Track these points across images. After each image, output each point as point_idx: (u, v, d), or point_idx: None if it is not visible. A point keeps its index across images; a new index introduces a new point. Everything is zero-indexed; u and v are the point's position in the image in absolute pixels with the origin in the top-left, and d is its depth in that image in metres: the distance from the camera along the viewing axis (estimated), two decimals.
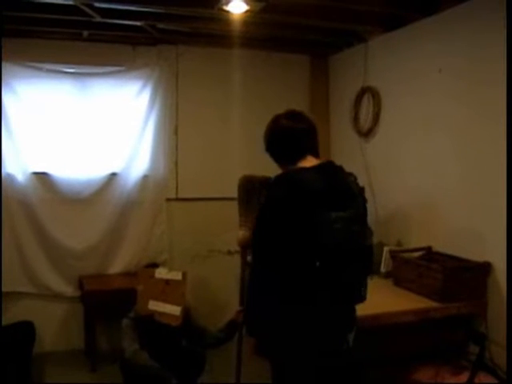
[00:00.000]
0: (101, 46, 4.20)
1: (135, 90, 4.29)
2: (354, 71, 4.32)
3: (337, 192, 2.10)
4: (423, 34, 3.55)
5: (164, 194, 4.46)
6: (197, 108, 4.52)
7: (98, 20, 3.55)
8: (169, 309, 3.05)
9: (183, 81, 4.47)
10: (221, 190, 4.41)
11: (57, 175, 4.18)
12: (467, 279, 3.01)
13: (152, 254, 4.39)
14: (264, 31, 4.03)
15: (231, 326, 3.26)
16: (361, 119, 4.26)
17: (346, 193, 2.15)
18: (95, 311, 4.04)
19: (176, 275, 3.14)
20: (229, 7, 3.24)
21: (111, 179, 4.30)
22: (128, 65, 4.29)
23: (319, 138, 2.34)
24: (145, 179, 4.38)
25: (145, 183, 4.38)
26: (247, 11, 3.31)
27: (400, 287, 3.29)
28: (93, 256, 4.28)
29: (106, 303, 3.97)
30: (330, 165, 2.22)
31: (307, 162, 2.19)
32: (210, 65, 4.52)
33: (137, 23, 3.76)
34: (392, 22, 3.77)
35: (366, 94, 4.18)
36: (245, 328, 2.31)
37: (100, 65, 4.24)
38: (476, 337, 3.00)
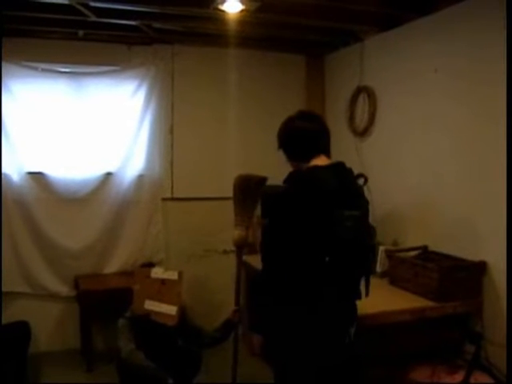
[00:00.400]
0: (96, 46, 4.19)
1: (131, 90, 4.28)
2: (350, 71, 4.33)
3: (349, 191, 2.21)
4: (419, 34, 3.56)
5: (160, 194, 4.45)
6: (192, 107, 4.52)
7: (94, 19, 3.55)
8: (165, 308, 3.05)
9: (179, 80, 4.46)
10: (216, 190, 4.41)
11: (52, 175, 4.17)
12: (463, 278, 3.01)
13: (148, 254, 4.38)
14: (260, 31, 4.03)
15: (227, 326, 3.26)
16: (356, 119, 4.27)
17: (356, 192, 2.28)
18: (91, 311, 4.02)
19: (172, 275, 3.14)
20: (224, 6, 3.24)
21: (107, 179, 4.30)
22: (123, 64, 4.28)
23: None
24: (140, 179, 4.38)
25: (140, 183, 4.38)
26: (243, 11, 3.31)
27: (396, 286, 3.30)
28: (89, 256, 4.27)
29: (102, 303, 3.96)
30: (342, 165, 2.33)
31: (320, 161, 2.29)
32: (206, 64, 4.52)
33: (132, 23, 3.75)
34: (388, 22, 3.78)
35: (362, 94, 4.19)
36: (251, 327, 2.36)
37: (95, 64, 4.23)
38: (472, 336, 3.01)
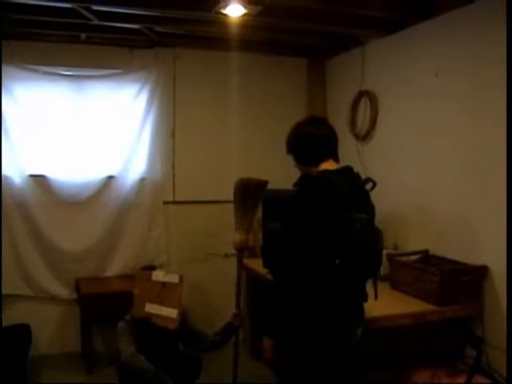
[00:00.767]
0: (98, 49, 4.20)
1: (132, 93, 4.29)
2: (351, 75, 4.33)
3: (357, 195, 2.26)
4: (420, 38, 3.56)
5: (161, 197, 4.46)
6: (194, 111, 4.52)
7: (96, 23, 3.55)
8: (165, 311, 3.04)
9: (180, 84, 4.47)
10: (217, 193, 4.41)
11: (54, 178, 4.17)
12: (464, 282, 3.01)
13: (149, 257, 4.38)
14: (261, 34, 4.04)
15: (228, 330, 3.26)
16: (358, 123, 4.27)
17: (363, 196, 2.33)
18: (92, 314, 4.02)
19: (173, 278, 3.14)
20: (226, 10, 3.25)
21: (108, 182, 4.30)
22: (125, 67, 4.29)
23: None
24: (142, 182, 4.38)
25: (142, 186, 4.38)
26: (245, 14, 3.31)
27: (397, 290, 3.29)
28: (90, 259, 4.27)
29: (103, 306, 3.96)
30: (350, 169, 2.38)
31: (329, 165, 2.34)
32: (208, 68, 4.53)
33: (134, 26, 3.76)
34: (389, 26, 3.78)
35: (363, 98, 4.19)
36: (263, 330, 2.38)
37: (97, 67, 4.24)
38: (473, 340, 3.00)
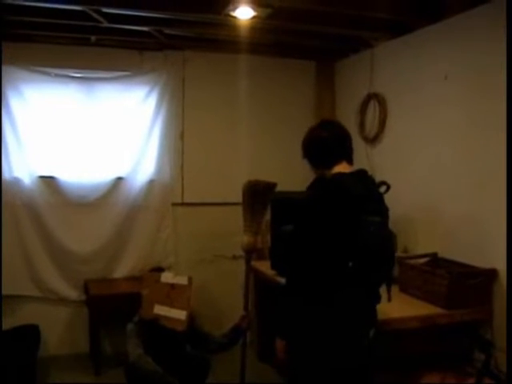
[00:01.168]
0: (108, 51, 4.22)
1: (142, 95, 4.31)
2: (360, 77, 4.33)
3: (371, 197, 2.28)
4: (429, 41, 3.56)
5: (169, 199, 4.47)
6: (203, 113, 4.53)
7: (106, 25, 3.57)
8: (174, 313, 3.04)
9: (189, 86, 4.48)
10: (226, 195, 4.42)
11: (63, 179, 4.20)
12: (473, 286, 2.99)
13: (157, 259, 4.39)
14: (270, 37, 4.04)
15: (235, 331, 3.26)
16: (367, 125, 4.26)
17: (378, 199, 2.34)
18: (100, 315, 4.04)
19: (182, 280, 3.14)
20: (236, 13, 3.25)
21: (117, 183, 4.32)
22: (135, 70, 4.31)
23: None
24: (151, 184, 4.40)
25: (151, 188, 4.40)
26: (254, 17, 3.32)
27: (405, 293, 3.28)
28: (98, 260, 4.29)
29: (111, 307, 3.97)
30: (364, 172, 2.40)
31: (342, 168, 2.37)
32: (217, 70, 4.54)
33: (144, 28, 3.78)
34: (398, 29, 3.77)
35: (372, 100, 4.18)
36: (276, 332, 2.39)
37: (107, 69, 4.27)
38: (482, 344, 2.99)
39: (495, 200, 3.02)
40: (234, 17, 3.32)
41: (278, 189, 3.30)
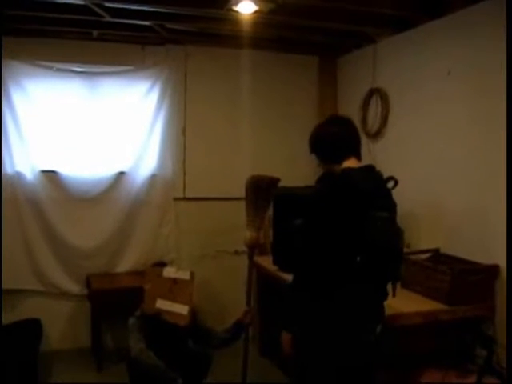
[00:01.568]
0: (110, 46, 4.22)
1: (144, 90, 4.31)
2: (363, 73, 4.32)
3: (379, 193, 2.29)
4: (432, 36, 3.54)
5: (172, 194, 4.47)
6: (205, 108, 4.53)
7: (108, 19, 3.57)
8: (176, 308, 3.04)
9: (191, 81, 4.48)
10: (228, 190, 4.42)
11: (65, 174, 4.20)
12: (475, 282, 2.99)
13: (159, 254, 4.40)
14: (272, 32, 4.04)
15: (238, 327, 3.25)
16: (369, 121, 4.26)
17: (385, 194, 2.34)
18: (102, 310, 4.05)
19: (184, 274, 3.13)
20: (238, 8, 3.25)
21: (119, 178, 4.32)
22: (137, 64, 4.31)
23: None
24: (153, 178, 4.40)
25: (153, 182, 4.40)
26: (256, 12, 3.31)
27: (407, 289, 3.27)
28: (100, 255, 4.30)
29: (113, 302, 3.98)
30: (372, 167, 2.42)
31: (351, 163, 2.37)
32: (218, 65, 4.53)
33: (146, 23, 3.77)
34: (401, 24, 3.76)
35: (375, 96, 4.18)
36: (282, 325, 2.40)
37: (109, 64, 4.26)
38: (484, 340, 2.99)
39: (498, 196, 3.01)
40: (237, 11, 3.32)
41: (281, 184, 3.29)
